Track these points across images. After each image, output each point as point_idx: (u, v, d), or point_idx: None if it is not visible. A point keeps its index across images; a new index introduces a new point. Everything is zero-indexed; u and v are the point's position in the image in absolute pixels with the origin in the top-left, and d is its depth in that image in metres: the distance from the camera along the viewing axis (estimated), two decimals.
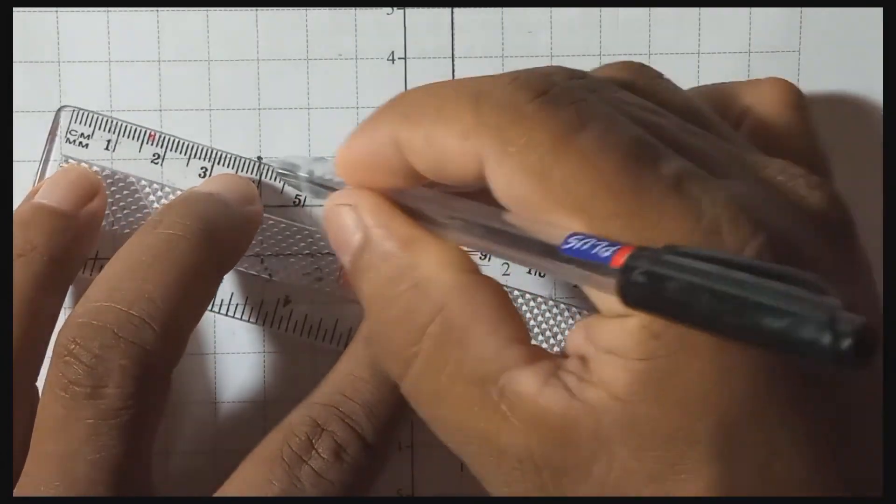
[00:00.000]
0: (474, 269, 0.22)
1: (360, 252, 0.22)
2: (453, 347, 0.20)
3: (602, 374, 0.18)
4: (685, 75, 0.34)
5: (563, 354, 0.21)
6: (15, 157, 0.33)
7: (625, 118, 0.20)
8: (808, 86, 0.34)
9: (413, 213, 0.22)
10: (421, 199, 0.23)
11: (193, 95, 0.34)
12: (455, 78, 0.34)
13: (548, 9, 0.34)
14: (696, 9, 0.34)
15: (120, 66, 0.33)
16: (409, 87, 0.34)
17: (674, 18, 0.34)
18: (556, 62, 0.34)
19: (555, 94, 0.20)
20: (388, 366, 0.23)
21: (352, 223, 0.22)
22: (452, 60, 0.34)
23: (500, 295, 0.21)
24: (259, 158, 0.34)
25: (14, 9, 0.33)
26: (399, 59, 0.34)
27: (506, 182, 0.20)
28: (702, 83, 0.34)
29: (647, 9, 0.34)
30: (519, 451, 0.19)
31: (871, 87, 0.34)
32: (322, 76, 0.34)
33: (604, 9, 0.34)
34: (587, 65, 0.34)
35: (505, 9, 0.34)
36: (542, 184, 0.19)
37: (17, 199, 0.33)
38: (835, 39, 0.34)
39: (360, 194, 0.23)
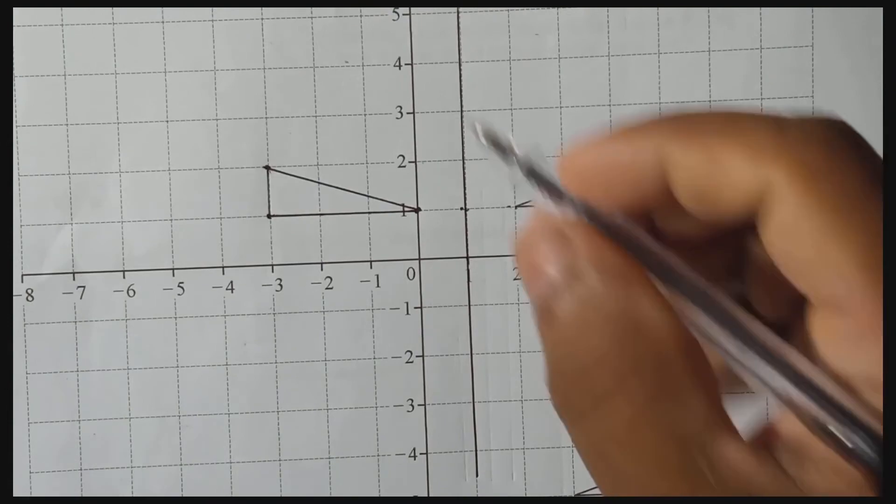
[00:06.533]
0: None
1: (566, 281, 0.20)
2: (666, 399, 0.19)
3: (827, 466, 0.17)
4: (696, 74, 0.33)
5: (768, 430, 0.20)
6: (21, 172, 0.33)
7: None
8: (824, 82, 0.33)
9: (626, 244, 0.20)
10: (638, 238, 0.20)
11: (199, 105, 0.33)
12: (462, 80, 0.33)
13: (554, 10, 0.33)
14: (706, 8, 0.33)
15: (125, 77, 0.33)
16: (416, 93, 0.34)
17: (682, 17, 0.33)
18: (563, 64, 0.34)
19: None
20: (571, 400, 0.20)
21: (556, 251, 0.20)
22: (459, 65, 0.34)
23: (701, 349, 0.20)
24: (267, 168, 0.33)
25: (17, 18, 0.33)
26: (406, 64, 0.34)
27: (793, 224, 0.17)
28: (714, 82, 0.33)
29: (654, 8, 0.33)
30: None
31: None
32: (329, 83, 0.33)
33: (611, 9, 0.33)
34: (595, 66, 0.34)
35: (511, 11, 0.33)
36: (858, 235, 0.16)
37: (18, 208, 0.33)
38: (848, 34, 0.34)
39: (572, 219, 0.20)
